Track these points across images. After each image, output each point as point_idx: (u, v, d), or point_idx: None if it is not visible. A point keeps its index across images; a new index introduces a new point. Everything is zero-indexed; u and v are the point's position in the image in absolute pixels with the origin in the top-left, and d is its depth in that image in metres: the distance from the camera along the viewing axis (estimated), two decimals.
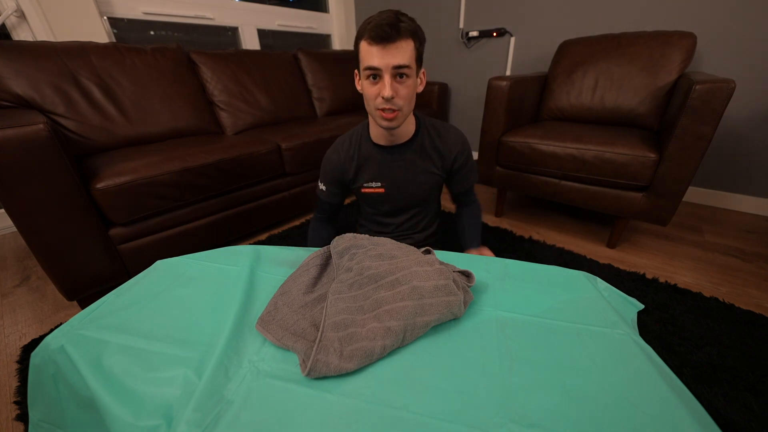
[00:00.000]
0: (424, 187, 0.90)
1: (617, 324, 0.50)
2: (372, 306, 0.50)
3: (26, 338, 0.95)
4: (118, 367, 0.44)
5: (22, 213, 0.84)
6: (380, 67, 0.67)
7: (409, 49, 0.67)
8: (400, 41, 0.65)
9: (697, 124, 0.98)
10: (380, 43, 0.65)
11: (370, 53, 0.67)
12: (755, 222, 1.50)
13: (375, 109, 0.73)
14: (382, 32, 0.64)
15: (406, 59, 0.67)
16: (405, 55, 0.67)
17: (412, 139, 0.85)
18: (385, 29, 0.64)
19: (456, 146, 0.87)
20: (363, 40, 0.67)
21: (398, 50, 0.66)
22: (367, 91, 0.72)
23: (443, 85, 2.33)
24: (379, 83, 0.69)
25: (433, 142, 0.86)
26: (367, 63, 0.68)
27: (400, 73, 0.68)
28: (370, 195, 0.91)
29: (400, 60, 0.66)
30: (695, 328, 0.88)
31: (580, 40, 1.60)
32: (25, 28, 1.40)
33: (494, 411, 0.38)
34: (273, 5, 2.28)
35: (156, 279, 0.63)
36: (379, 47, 0.65)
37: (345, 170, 0.89)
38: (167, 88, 1.44)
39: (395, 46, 0.65)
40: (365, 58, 0.68)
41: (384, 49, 0.65)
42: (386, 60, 0.66)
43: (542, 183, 1.36)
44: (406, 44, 0.66)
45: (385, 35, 0.64)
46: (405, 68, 0.68)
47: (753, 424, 0.65)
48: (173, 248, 1.17)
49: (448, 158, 0.88)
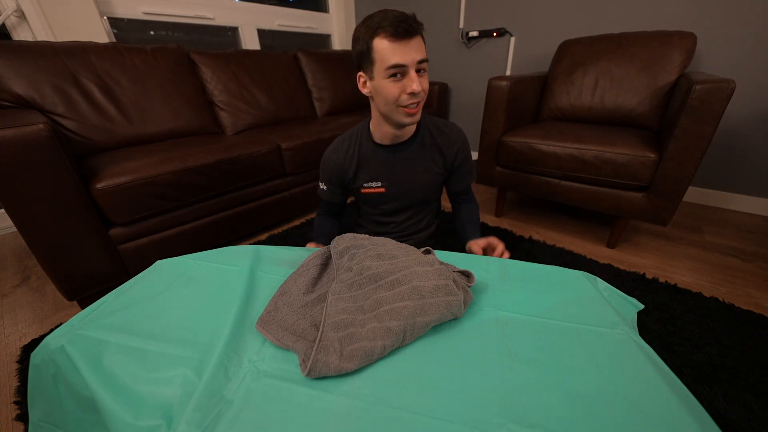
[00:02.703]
0: (425, 186, 0.90)
1: (617, 324, 0.50)
2: (372, 306, 0.49)
3: (26, 338, 0.95)
4: (118, 367, 0.44)
5: (22, 213, 0.84)
6: (406, 63, 0.66)
7: (423, 45, 0.68)
8: (418, 36, 0.67)
9: (697, 124, 0.98)
10: (404, 38, 0.64)
11: (392, 50, 0.65)
12: (755, 222, 1.50)
13: (398, 107, 0.71)
14: (406, 27, 0.64)
15: (425, 53, 0.68)
16: (423, 49, 0.68)
17: (413, 136, 0.85)
18: (406, 24, 0.64)
19: (456, 143, 0.87)
20: (380, 38, 0.65)
21: (419, 44, 0.67)
22: (389, 90, 0.69)
23: (443, 85, 2.33)
24: (403, 80, 0.68)
25: (433, 138, 0.86)
26: (391, 61, 0.65)
27: (423, 67, 0.69)
28: (370, 195, 0.91)
29: (422, 54, 0.67)
30: (695, 328, 0.88)
31: (580, 40, 1.60)
32: (25, 28, 1.40)
33: (494, 411, 0.38)
34: (273, 5, 2.28)
35: (156, 279, 0.63)
36: (401, 43, 0.65)
37: (345, 170, 0.88)
38: (167, 88, 1.44)
39: (416, 40, 0.66)
40: (386, 57, 0.65)
41: (408, 45, 0.65)
42: (411, 55, 0.66)
43: (542, 183, 1.36)
44: (421, 40, 0.68)
45: (409, 29, 0.64)
46: (425, 62, 0.69)
47: (753, 424, 0.65)
48: (173, 248, 1.17)
49: (449, 155, 0.87)
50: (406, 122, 0.74)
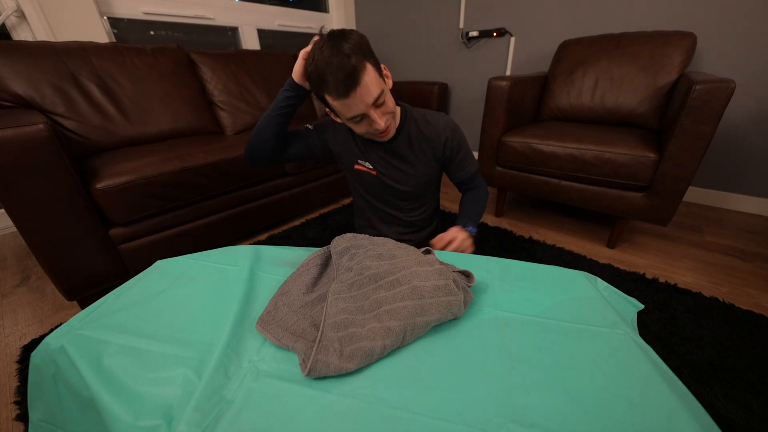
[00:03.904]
0: (415, 180, 0.89)
1: (617, 324, 0.50)
2: (372, 306, 0.49)
3: (26, 338, 0.95)
4: (118, 367, 0.44)
5: (22, 213, 0.84)
6: (361, 113, 0.68)
7: (372, 76, 0.65)
8: (363, 78, 0.63)
9: (697, 124, 0.98)
10: (350, 92, 0.64)
11: (345, 106, 0.67)
12: (755, 222, 1.50)
13: (371, 137, 0.76)
14: (346, 86, 0.63)
15: (376, 88, 0.66)
16: (374, 85, 0.66)
17: (398, 131, 0.83)
18: (346, 83, 0.62)
19: (444, 132, 0.84)
20: (329, 98, 0.67)
21: (367, 86, 0.65)
22: (358, 129, 0.75)
23: (443, 85, 2.33)
24: (366, 120, 0.71)
25: (420, 130, 0.85)
26: (349, 114, 0.69)
27: (380, 102, 0.69)
28: (362, 173, 0.90)
29: (374, 93, 0.66)
30: (695, 328, 0.88)
31: (580, 40, 1.60)
32: (25, 28, 1.40)
33: (494, 411, 0.38)
34: (273, 5, 2.28)
35: (156, 279, 0.63)
36: (350, 98, 0.65)
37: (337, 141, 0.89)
38: (167, 88, 1.44)
39: (362, 85, 0.64)
40: (343, 111, 0.69)
41: (356, 96, 0.65)
42: (363, 102, 0.66)
43: (542, 183, 1.36)
44: (367, 75, 0.64)
45: (350, 85, 0.63)
46: (381, 96, 0.68)
47: (753, 424, 0.65)
48: (173, 248, 1.17)
49: (437, 146, 0.86)
50: (384, 140, 0.79)
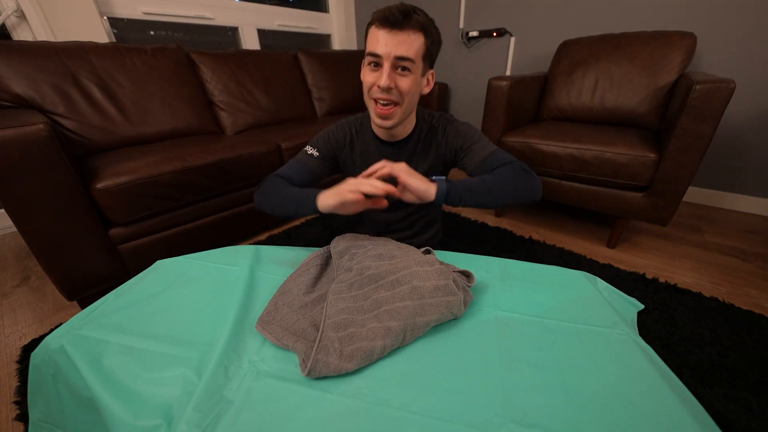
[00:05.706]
0: None
1: (617, 324, 0.50)
2: (372, 306, 0.49)
3: (26, 338, 0.95)
4: (118, 367, 0.44)
5: (22, 213, 0.84)
6: (381, 54, 0.62)
7: (417, 43, 0.62)
8: (408, 30, 0.61)
9: (697, 124, 0.98)
10: (391, 28, 0.61)
11: (375, 38, 0.63)
12: (755, 222, 1.50)
13: (370, 99, 0.69)
14: (391, 16, 0.60)
15: (411, 52, 0.62)
16: (411, 48, 0.62)
17: (410, 135, 0.82)
18: (394, 14, 0.60)
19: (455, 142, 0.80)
20: (372, 25, 0.64)
21: (404, 40, 0.61)
22: (364, 76, 0.68)
23: (443, 85, 2.33)
24: (378, 71, 0.65)
25: (434, 135, 0.82)
26: (370, 48, 0.64)
27: (403, 66, 0.63)
28: None
29: (404, 51, 0.62)
30: (695, 328, 0.88)
31: (580, 40, 1.60)
32: (25, 28, 1.40)
33: (494, 411, 0.38)
34: (273, 5, 2.28)
35: (156, 279, 0.63)
36: (384, 31, 0.61)
37: (343, 148, 0.86)
38: (167, 88, 1.44)
39: (403, 34, 0.61)
40: (370, 43, 0.64)
41: (389, 35, 0.61)
42: (389, 48, 0.61)
43: (542, 183, 1.36)
44: (415, 36, 0.62)
45: (394, 20, 0.60)
46: (407, 61, 0.63)
47: (753, 424, 0.65)
48: (173, 248, 1.17)
49: (447, 149, 0.82)
50: (377, 122, 0.72)
